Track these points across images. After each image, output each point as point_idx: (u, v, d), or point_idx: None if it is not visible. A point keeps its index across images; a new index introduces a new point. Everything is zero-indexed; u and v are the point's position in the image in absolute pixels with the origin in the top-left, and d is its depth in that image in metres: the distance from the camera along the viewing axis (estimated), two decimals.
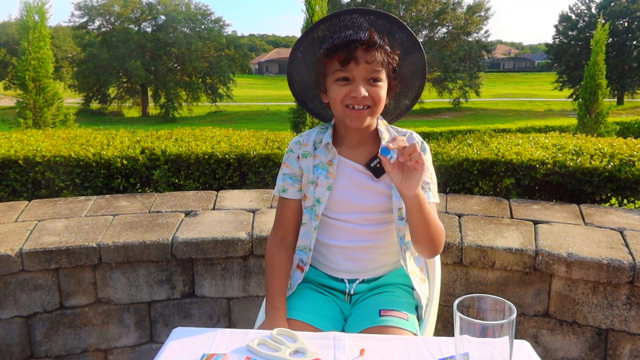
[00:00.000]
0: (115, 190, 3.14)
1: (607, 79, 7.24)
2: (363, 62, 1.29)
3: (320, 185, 1.40)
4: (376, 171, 1.38)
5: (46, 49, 5.60)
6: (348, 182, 1.40)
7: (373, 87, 1.32)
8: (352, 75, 1.30)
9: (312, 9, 5.91)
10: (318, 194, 1.40)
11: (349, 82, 1.31)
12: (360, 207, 1.40)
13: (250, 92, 47.35)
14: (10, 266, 2.14)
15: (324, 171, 1.41)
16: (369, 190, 1.39)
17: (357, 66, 1.29)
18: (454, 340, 0.89)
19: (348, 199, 1.40)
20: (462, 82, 33.16)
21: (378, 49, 1.30)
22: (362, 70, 1.30)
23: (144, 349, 2.35)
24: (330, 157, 1.41)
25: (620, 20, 32.48)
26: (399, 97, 1.50)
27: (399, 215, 1.39)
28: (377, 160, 1.37)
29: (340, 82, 1.32)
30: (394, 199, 1.38)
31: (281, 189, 1.47)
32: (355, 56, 1.29)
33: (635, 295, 2.01)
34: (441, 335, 1.20)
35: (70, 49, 36.31)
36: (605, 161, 2.75)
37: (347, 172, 1.41)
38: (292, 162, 1.46)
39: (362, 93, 1.29)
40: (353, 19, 1.34)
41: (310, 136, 1.47)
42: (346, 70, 1.30)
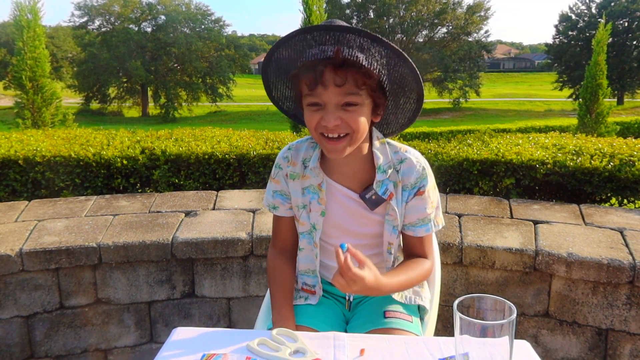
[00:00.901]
0: (115, 190, 3.14)
1: (607, 79, 7.25)
2: (332, 85, 1.12)
3: (314, 211, 1.32)
4: (371, 203, 1.28)
5: (42, 48, 5.57)
6: (340, 208, 1.31)
7: (348, 112, 1.14)
8: (322, 100, 1.14)
9: (310, 8, 5.91)
10: (313, 219, 1.33)
11: (321, 108, 1.15)
12: (354, 234, 1.34)
13: (250, 92, 47.34)
14: (10, 266, 2.14)
15: (315, 195, 1.31)
16: (362, 219, 1.32)
17: (325, 90, 1.12)
18: (454, 340, 0.89)
19: (341, 225, 1.33)
20: (462, 82, 33.19)
21: (349, 68, 1.11)
22: (333, 95, 1.13)
23: (144, 349, 2.35)
24: (319, 180, 1.30)
25: (620, 20, 32.49)
26: (394, 112, 1.33)
27: (388, 249, 1.34)
28: (372, 192, 1.26)
29: (312, 108, 1.16)
30: (385, 232, 1.31)
31: (272, 206, 1.39)
32: (323, 79, 1.11)
33: (635, 295, 2.01)
34: (441, 335, 1.19)
35: (70, 49, 36.35)
36: (605, 161, 2.75)
37: (339, 197, 1.31)
38: (281, 179, 1.37)
39: (333, 122, 1.14)
40: (315, 37, 1.14)
41: (300, 152, 1.34)
42: (315, 95, 1.14)
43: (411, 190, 1.28)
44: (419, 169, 1.27)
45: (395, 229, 1.31)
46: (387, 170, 1.27)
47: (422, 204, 1.29)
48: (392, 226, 1.30)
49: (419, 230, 1.31)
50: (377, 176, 1.26)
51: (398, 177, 1.28)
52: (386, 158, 1.28)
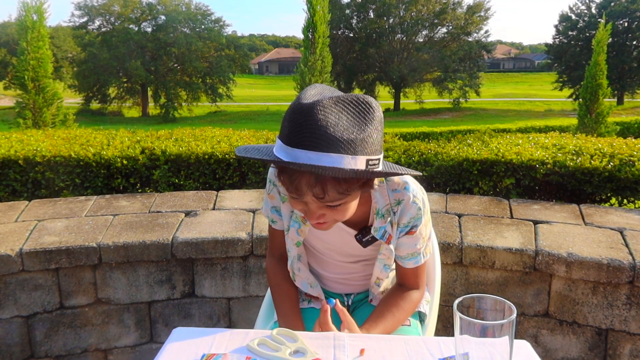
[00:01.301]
0: (115, 190, 3.14)
1: (607, 79, 7.25)
2: (310, 195, 1.02)
3: (290, 238, 1.30)
4: (365, 243, 1.26)
5: (45, 49, 5.59)
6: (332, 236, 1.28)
7: (333, 210, 1.06)
8: (303, 200, 1.06)
9: (314, 8, 5.91)
10: (288, 246, 1.32)
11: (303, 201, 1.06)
12: (345, 253, 1.34)
13: (250, 92, 47.35)
14: (10, 266, 2.14)
15: (296, 224, 1.27)
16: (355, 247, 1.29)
17: (304, 197, 1.04)
18: (454, 340, 0.89)
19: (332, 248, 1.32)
20: (462, 82, 33.19)
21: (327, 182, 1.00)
22: (312, 201, 1.04)
23: (144, 349, 2.35)
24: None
25: (620, 20, 32.49)
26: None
27: (376, 282, 1.34)
28: (369, 236, 1.23)
29: (292, 198, 1.08)
30: (375, 269, 1.30)
31: (271, 219, 1.36)
32: (300, 189, 1.02)
33: (635, 295, 2.01)
34: (441, 335, 1.19)
35: (70, 49, 36.32)
36: (605, 161, 2.75)
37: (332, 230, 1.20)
38: (276, 195, 1.31)
39: (316, 220, 1.08)
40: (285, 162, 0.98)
41: None
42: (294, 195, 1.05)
43: (403, 228, 1.24)
44: (413, 211, 1.21)
45: (386, 267, 1.30)
46: (385, 215, 1.22)
47: (412, 241, 1.26)
48: (384, 264, 1.29)
49: (408, 263, 1.29)
50: (376, 222, 1.22)
51: (395, 218, 1.23)
52: (384, 200, 1.21)
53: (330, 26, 6.19)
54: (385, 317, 1.25)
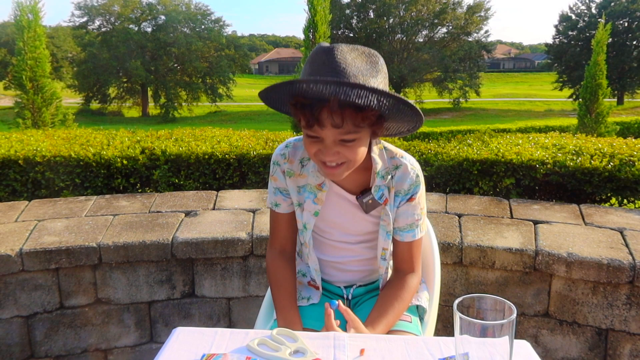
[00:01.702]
0: (115, 190, 3.14)
1: (607, 79, 7.25)
2: (329, 125, 1.11)
3: (307, 210, 1.34)
4: (367, 206, 1.32)
5: (42, 49, 5.58)
6: (336, 208, 1.35)
7: (346, 147, 1.15)
8: (319, 135, 1.14)
9: (315, 8, 5.92)
10: (305, 219, 1.35)
11: (319, 140, 1.16)
12: (348, 231, 1.38)
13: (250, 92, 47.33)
14: (11, 266, 2.14)
15: (312, 195, 1.33)
16: (357, 219, 1.35)
17: (322, 130, 1.12)
18: (454, 340, 0.89)
19: (335, 224, 1.37)
20: (462, 82, 33.19)
21: (346, 110, 1.09)
22: (330, 134, 1.13)
23: (144, 349, 2.35)
24: (319, 181, 1.32)
25: (620, 20, 32.50)
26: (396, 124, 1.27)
27: (382, 255, 1.37)
28: (370, 196, 1.30)
29: (310, 138, 1.17)
30: (380, 238, 1.35)
31: (274, 203, 1.40)
32: (320, 119, 1.11)
33: (635, 295, 2.01)
34: (441, 335, 1.20)
35: (70, 49, 36.33)
36: (605, 161, 2.75)
37: (335, 199, 1.34)
38: (279, 175, 1.37)
39: (330, 157, 1.16)
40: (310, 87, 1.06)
41: (298, 150, 1.35)
42: (312, 130, 1.14)
43: (404, 196, 1.31)
44: (412, 176, 1.30)
45: (388, 234, 1.34)
46: (384, 176, 1.30)
47: (412, 210, 1.32)
48: (386, 232, 1.34)
49: (406, 236, 1.34)
50: (376, 181, 1.29)
51: (392, 182, 1.31)
52: (384, 164, 1.30)
53: (330, 26, 6.20)
54: (387, 312, 1.28)
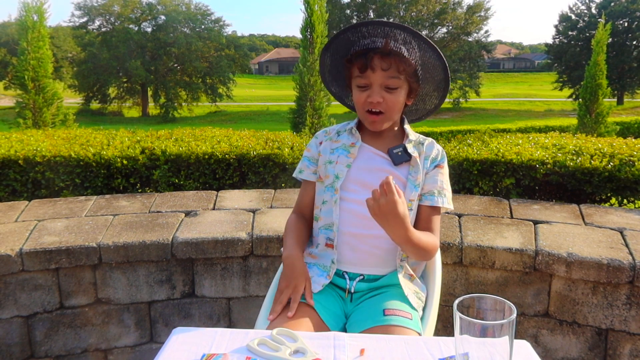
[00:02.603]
0: (115, 190, 3.14)
1: (607, 79, 7.25)
2: (379, 69, 1.39)
3: (340, 163, 1.50)
4: (396, 158, 1.47)
5: (45, 49, 5.60)
6: (366, 163, 1.49)
7: (389, 93, 1.41)
8: (369, 81, 1.41)
9: (311, 8, 5.92)
10: (337, 170, 1.49)
11: (368, 88, 1.42)
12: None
13: (250, 92, 47.35)
14: (10, 266, 2.14)
15: (345, 152, 1.51)
16: (385, 173, 1.41)
17: (373, 73, 1.39)
18: (454, 340, 0.89)
19: (363, 178, 1.47)
20: (462, 82, 33.18)
21: (393, 56, 1.38)
22: (379, 77, 1.40)
23: (144, 349, 2.35)
24: (354, 140, 1.52)
25: (620, 20, 32.49)
26: (424, 99, 1.60)
27: (409, 206, 1.45)
28: (400, 148, 1.48)
29: (360, 88, 1.43)
30: (407, 189, 1.46)
31: (298, 171, 1.61)
32: (372, 64, 1.38)
33: (635, 295, 2.01)
34: (441, 335, 1.20)
35: (70, 49, 36.31)
36: (605, 161, 2.75)
37: (367, 155, 1.50)
38: (313, 147, 1.59)
39: (376, 99, 1.40)
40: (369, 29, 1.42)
41: (335, 128, 1.61)
42: (364, 76, 1.41)
43: (432, 162, 1.51)
44: (439, 148, 1.54)
45: (417, 187, 1.47)
46: (417, 140, 1.53)
47: (440, 177, 1.50)
48: (415, 185, 1.47)
49: (434, 200, 1.47)
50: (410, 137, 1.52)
51: (422, 148, 1.52)
52: (415, 137, 1.55)
53: (330, 26, 6.22)
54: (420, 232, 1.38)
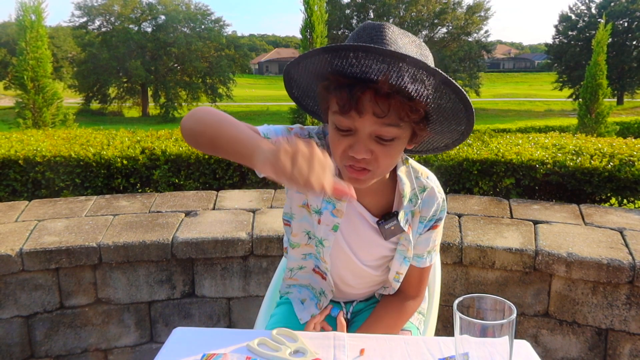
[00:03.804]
0: (115, 190, 3.14)
1: (607, 79, 7.25)
2: (370, 114, 0.94)
3: (324, 224, 1.16)
4: (388, 233, 1.17)
5: (44, 49, 5.58)
6: (352, 228, 1.19)
7: (382, 145, 0.98)
8: (353, 126, 0.96)
9: (311, 8, 5.92)
10: (321, 233, 1.17)
11: (351, 134, 0.98)
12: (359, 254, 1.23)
13: (250, 92, 47.35)
14: (11, 266, 2.14)
15: (331, 206, 1.15)
16: (373, 242, 1.20)
17: (360, 117, 0.95)
18: (454, 340, 0.89)
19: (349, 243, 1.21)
20: (462, 82, 33.14)
21: (395, 97, 0.92)
22: (368, 124, 0.95)
23: (144, 348, 2.35)
24: None
25: (620, 20, 32.49)
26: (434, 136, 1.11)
27: (395, 278, 1.26)
28: (393, 222, 1.15)
29: (340, 132, 0.99)
30: (395, 263, 1.23)
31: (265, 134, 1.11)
32: (359, 105, 0.93)
33: (635, 295, 2.01)
34: (441, 335, 1.19)
35: (70, 49, 36.31)
36: (605, 161, 2.75)
37: (354, 217, 1.17)
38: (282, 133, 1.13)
39: (362, 155, 0.97)
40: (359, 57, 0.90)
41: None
42: (346, 118, 0.96)
43: (427, 222, 1.20)
44: (439, 201, 1.18)
45: (407, 260, 1.23)
46: (413, 200, 1.16)
47: (433, 236, 1.23)
48: (404, 257, 1.22)
49: (422, 262, 1.26)
50: (403, 205, 1.15)
51: (418, 208, 1.18)
52: (411, 184, 1.16)
53: (330, 26, 6.22)
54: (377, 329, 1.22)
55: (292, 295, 1.38)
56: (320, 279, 1.30)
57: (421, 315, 1.44)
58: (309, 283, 1.35)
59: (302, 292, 1.37)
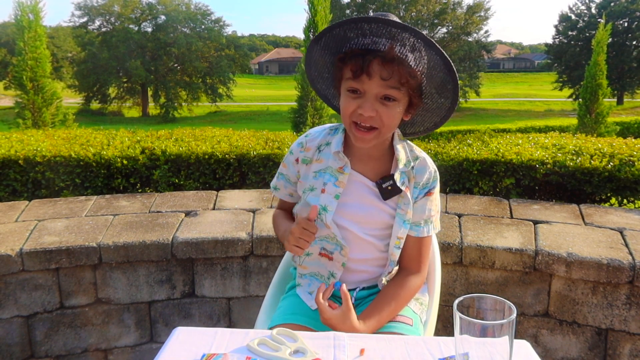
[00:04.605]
0: (115, 190, 3.14)
1: (607, 79, 7.25)
2: (377, 77, 1.15)
3: (328, 193, 1.31)
4: (386, 193, 1.30)
5: (43, 49, 5.57)
6: (354, 195, 1.32)
7: (385, 106, 1.18)
8: (363, 88, 1.18)
9: (315, 8, 5.92)
10: (324, 201, 1.31)
11: (360, 96, 1.19)
12: (362, 221, 1.34)
13: (250, 92, 47.35)
14: (11, 266, 2.14)
15: (333, 178, 1.32)
16: (373, 207, 1.32)
17: (369, 80, 1.16)
18: (454, 340, 0.89)
19: (351, 211, 1.33)
20: (462, 82, 33.15)
21: (397, 64, 1.14)
22: (375, 86, 1.16)
23: (144, 348, 2.35)
24: (341, 164, 1.31)
25: (620, 20, 32.50)
26: (424, 115, 1.34)
27: (396, 244, 1.34)
28: (390, 182, 1.29)
29: (350, 94, 1.20)
30: (395, 226, 1.32)
31: (274, 186, 1.48)
32: (369, 69, 1.15)
33: (634, 295, 2.01)
34: (441, 335, 1.19)
35: (70, 49, 36.33)
36: (605, 161, 2.76)
37: (355, 184, 1.33)
38: (289, 164, 1.41)
39: (369, 112, 1.18)
40: (372, 28, 1.16)
41: (316, 138, 1.37)
42: (358, 82, 1.17)
43: (421, 189, 1.33)
44: (431, 170, 1.33)
45: (406, 223, 1.32)
46: (406, 164, 1.32)
47: (429, 205, 1.34)
48: (403, 220, 1.32)
49: (420, 231, 1.34)
50: (399, 167, 1.30)
51: (412, 173, 1.33)
52: (406, 155, 1.33)
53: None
54: (382, 309, 1.29)
55: (300, 288, 1.45)
56: (327, 261, 1.39)
57: (422, 306, 1.46)
58: (317, 271, 1.42)
59: (311, 284, 1.43)
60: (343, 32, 1.19)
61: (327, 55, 1.27)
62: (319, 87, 1.42)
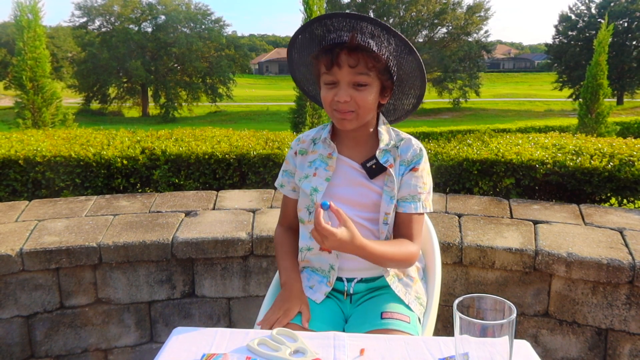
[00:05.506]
0: (115, 190, 3.14)
1: (607, 79, 7.25)
2: (346, 66, 1.29)
3: (319, 176, 1.43)
4: (371, 172, 1.41)
5: (42, 49, 5.57)
6: (344, 178, 1.43)
7: (358, 91, 1.32)
8: (336, 78, 1.32)
9: (310, 8, 5.94)
10: (315, 183, 1.43)
11: (335, 86, 1.33)
12: (353, 203, 1.42)
13: (250, 92, 47.36)
14: (11, 266, 2.14)
15: (324, 164, 1.45)
16: (362, 188, 1.42)
17: (340, 70, 1.30)
18: (454, 340, 0.90)
19: (342, 194, 1.42)
20: (461, 82, 33.19)
21: (361, 52, 1.29)
22: (346, 74, 1.30)
23: (144, 348, 2.35)
24: (330, 150, 1.45)
25: (620, 20, 32.49)
26: (400, 98, 1.50)
27: (384, 220, 1.41)
28: (373, 161, 1.40)
29: (327, 86, 1.34)
30: (382, 203, 1.40)
31: (280, 184, 1.56)
32: (338, 60, 1.29)
33: (634, 295, 2.01)
34: (441, 335, 1.20)
35: (71, 49, 36.33)
36: (605, 161, 2.76)
37: (344, 168, 1.44)
38: (290, 159, 1.53)
39: (344, 97, 1.31)
40: (334, 23, 1.32)
41: (311, 134, 1.52)
42: (331, 73, 1.32)
43: (407, 166, 1.42)
44: (416, 148, 1.43)
45: (392, 199, 1.40)
46: (389, 144, 1.43)
47: (414, 181, 1.41)
48: (390, 197, 1.40)
49: (408, 207, 1.40)
50: (381, 146, 1.41)
51: (397, 152, 1.43)
52: (389, 137, 1.45)
53: None
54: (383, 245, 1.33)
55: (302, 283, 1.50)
56: (327, 255, 1.45)
57: (421, 306, 1.47)
58: (319, 266, 1.48)
59: (310, 278, 1.49)
60: (312, 31, 1.36)
61: (305, 55, 1.43)
62: (306, 89, 1.58)
